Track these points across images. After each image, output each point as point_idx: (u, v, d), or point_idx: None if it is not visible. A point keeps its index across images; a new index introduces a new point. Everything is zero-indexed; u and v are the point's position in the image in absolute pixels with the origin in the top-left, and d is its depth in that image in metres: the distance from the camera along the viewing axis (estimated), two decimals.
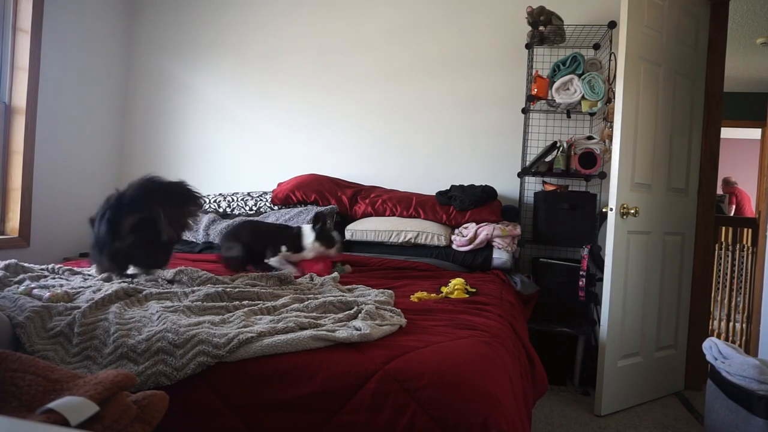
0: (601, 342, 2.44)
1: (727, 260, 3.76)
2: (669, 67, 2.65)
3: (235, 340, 1.22)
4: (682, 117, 2.75)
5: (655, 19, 2.56)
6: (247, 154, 3.59)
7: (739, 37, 4.32)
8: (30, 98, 2.92)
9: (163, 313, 1.41)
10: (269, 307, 1.53)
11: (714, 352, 2.16)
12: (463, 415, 1.08)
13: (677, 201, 2.76)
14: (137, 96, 3.72)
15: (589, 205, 2.80)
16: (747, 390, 1.91)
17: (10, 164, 2.91)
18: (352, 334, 1.28)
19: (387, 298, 1.72)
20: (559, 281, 2.76)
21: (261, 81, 3.58)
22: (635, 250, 2.53)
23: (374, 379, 1.15)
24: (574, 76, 2.81)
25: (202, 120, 3.65)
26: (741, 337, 3.64)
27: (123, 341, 1.25)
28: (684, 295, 2.82)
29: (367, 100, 3.45)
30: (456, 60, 3.34)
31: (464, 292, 2.03)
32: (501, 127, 3.28)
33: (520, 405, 1.28)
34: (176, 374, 1.17)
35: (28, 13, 2.89)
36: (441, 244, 2.82)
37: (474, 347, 1.29)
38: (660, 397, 2.71)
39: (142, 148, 3.71)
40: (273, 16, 3.57)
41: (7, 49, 2.88)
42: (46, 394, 0.95)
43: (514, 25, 3.25)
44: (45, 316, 1.36)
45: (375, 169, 3.43)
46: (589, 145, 2.82)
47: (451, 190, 3.03)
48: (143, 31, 3.72)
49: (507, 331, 1.60)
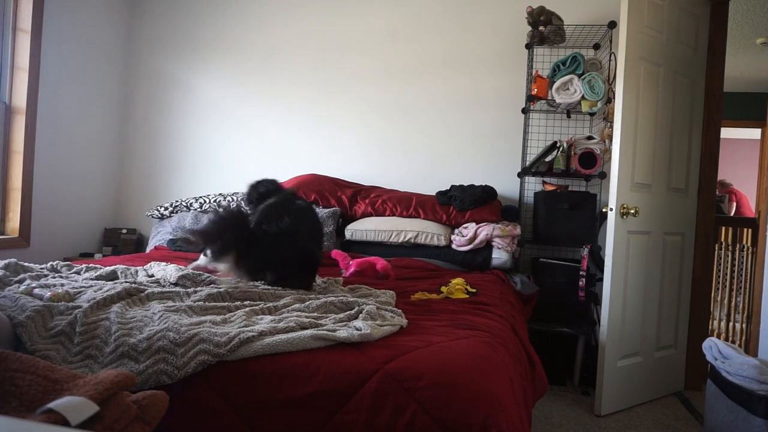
0: (601, 342, 2.44)
1: (727, 260, 3.76)
2: (669, 67, 2.65)
3: (236, 339, 1.22)
4: (682, 117, 2.75)
5: (655, 19, 2.56)
6: (247, 154, 3.59)
7: (739, 37, 4.32)
8: (30, 98, 2.92)
9: (164, 312, 1.41)
10: (270, 307, 1.53)
11: (714, 352, 2.16)
12: (463, 415, 1.08)
13: (677, 201, 2.76)
14: (137, 96, 3.72)
15: (589, 205, 2.80)
16: (747, 390, 1.91)
17: (10, 164, 2.91)
18: (353, 333, 1.28)
19: (389, 298, 1.72)
20: (559, 281, 2.76)
21: (261, 80, 3.58)
22: (635, 250, 2.53)
23: (374, 379, 1.15)
24: (574, 76, 2.81)
25: (202, 120, 3.65)
26: (741, 337, 3.64)
27: (124, 340, 1.25)
28: (684, 295, 2.82)
29: (367, 99, 3.45)
30: (456, 60, 3.34)
31: (464, 292, 2.03)
32: (501, 127, 3.28)
33: (520, 405, 1.28)
34: (177, 373, 1.17)
35: (28, 13, 2.89)
36: (441, 244, 2.82)
37: (474, 347, 1.29)
38: (660, 397, 2.71)
39: (142, 148, 3.71)
40: (273, 15, 3.57)
41: (7, 49, 2.88)
42: (46, 394, 0.95)
43: (514, 25, 3.25)
44: (46, 315, 1.36)
45: (375, 168, 3.43)
46: (589, 145, 2.82)
47: (451, 190, 3.03)
48: (143, 31, 3.72)
49: (507, 331, 1.60)
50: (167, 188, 3.68)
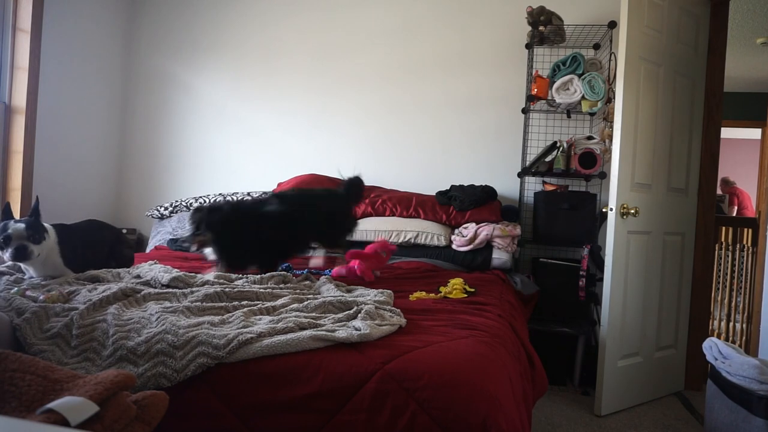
0: (601, 342, 2.44)
1: (727, 260, 3.76)
2: (669, 67, 2.65)
3: (235, 341, 1.22)
4: (682, 117, 2.75)
5: (655, 19, 2.56)
6: (246, 154, 3.59)
7: (739, 37, 4.32)
8: (30, 98, 2.92)
9: (162, 314, 1.40)
10: (269, 308, 1.52)
11: (714, 352, 2.16)
12: (462, 415, 1.08)
13: (677, 201, 2.76)
14: (137, 96, 3.72)
15: (589, 205, 2.80)
16: (747, 390, 1.91)
17: (10, 164, 2.91)
18: (352, 334, 1.28)
19: (386, 298, 1.72)
20: (559, 281, 2.76)
21: (261, 81, 3.58)
22: (635, 250, 2.53)
23: (374, 379, 1.15)
24: (574, 76, 2.80)
25: (201, 120, 3.65)
26: (741, 337, 3.64)
27: (122, 343, 1.24)
28: (684, 295, 2.82)
29: (368, 100, 3.45)
30: (456, 60, 3.34)
31: (463, 291, 2.03)
32: (501, 127, 3.28)
33: (520, 405, 1.28)
34: (176, 376, 1.17)
35: (28, 13, 2.89)
36: (441, 244, 2.82)
37: (473, 347, 1.29)
38: (660, 397, 2.71)
39: (141, 148, 3.71)
40: (273, 16, 3.57)
41: (7, 49, 2.88)
42: (46, 394, 0.95)
43: (514, 25, 3.25)
44: (42, 317, 1.34)
45: (375, 169, 3.43)
46: (589, 145, 2.82)
47: (451, 190, 3.03)
48: (143, 31, 3.72)
49: (506, 331, 1.60)
50: (167, 188, 3.68)
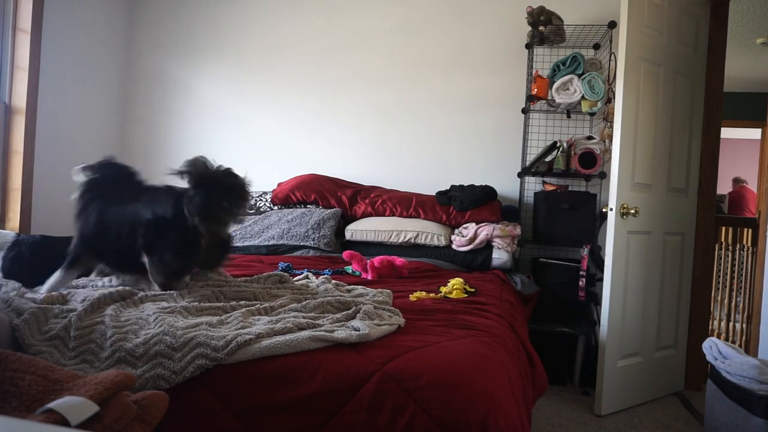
0: (601, 342, 2.44)
1: (727, 260, 3.76)
2: (669, 67, 2.65)
3: (234, 342, 1.21)
4: (682, 117, 2.75)
5: (655, 19, 2.56)
6: (246, 154, 3.59)
7: (739, 37, 4.32)
8: (30, 98, 2.92)
9: (159, 314, 1.39)
10: (267, 308, 1.51)
11: (714, 352, 2.16)
12: (462, 415, 1.08)
13: (677, 201, 2.76)
14: (137, 96, 3.72)
15: (589, 205, 2.80)
16: (747, 390, 1.91)
17: (10, 164, 2.92)
18: (351, 334, 1.28)
19: (385, 297, 1.72)
20: (559, 281, 2.76)
21: (261, 80, 3.58)
22: (635, 250, 2.53)
23: (373, 380, 1.15)
24: (574, 76, 2.80)
25: (201, 119, 3.65)
26: (741, 337, 3.64)
27: (120, 345, 1.23)
28: (684, 295, 2.82)
29: (367, 99, 3.45)
30: (456, 60, 3.34)
31: (463, 291, 2.03)
32: (501, 127, 3.28)
33: (520, 404, 1.28)
34: (175, 377, 1.17)
35: (28, 13, 2.89)
36: (441, 244, 2.82)
37: (473, 347, 1.29)
38: (660, 397, 2.71)
39: (141, 148, 3.71)
40: (273, 14, 3.57)
41: (7, 49, 2.88)
42: (46, 394, 0.95)
43: (514, 25, 3.25)
44: (41, 318, 1.34)
45: (375, 169, 3.43)
46: (589, 145, 2.82)
47: (451, 190, 3.03)
48: (143, 31, 3.72)
49: (506, 330, 1.60)
50: None
